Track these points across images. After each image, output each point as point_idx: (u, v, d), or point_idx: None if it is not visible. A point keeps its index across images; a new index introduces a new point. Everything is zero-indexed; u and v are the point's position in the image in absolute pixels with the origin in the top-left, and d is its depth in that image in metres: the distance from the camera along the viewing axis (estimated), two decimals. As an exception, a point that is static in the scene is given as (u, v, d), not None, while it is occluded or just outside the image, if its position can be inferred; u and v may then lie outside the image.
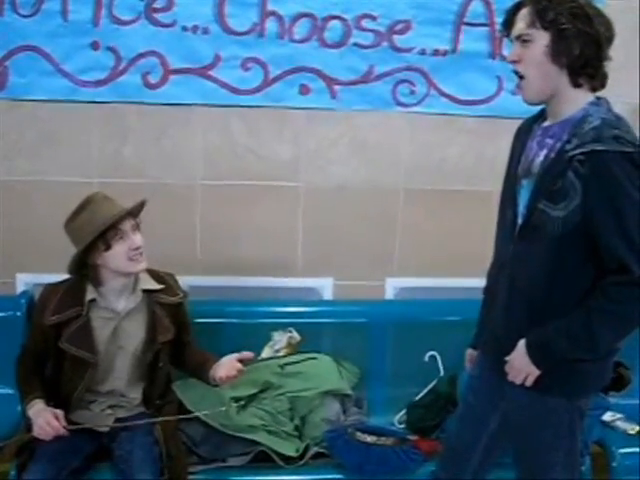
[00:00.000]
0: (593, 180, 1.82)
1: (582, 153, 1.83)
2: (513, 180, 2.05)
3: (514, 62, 1.95)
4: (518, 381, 2.02)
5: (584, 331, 1.91)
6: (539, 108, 2.07)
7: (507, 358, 2.03)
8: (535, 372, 1.98)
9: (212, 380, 2.52)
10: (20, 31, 2.92)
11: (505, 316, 2.07)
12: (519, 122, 2.53)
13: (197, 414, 2.60)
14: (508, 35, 1.99)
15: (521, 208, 2.00)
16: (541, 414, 2.05)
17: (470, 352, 2.38)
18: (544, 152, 1.95)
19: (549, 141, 1.95)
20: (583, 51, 1.86)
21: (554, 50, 1.87)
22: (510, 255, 2.03)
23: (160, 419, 2.52)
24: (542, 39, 1.88)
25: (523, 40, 1.91)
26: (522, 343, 2.00)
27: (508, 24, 1.98)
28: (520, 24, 1.92)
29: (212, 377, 2.51)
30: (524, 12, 1.91)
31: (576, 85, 1.91)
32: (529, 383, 2.00)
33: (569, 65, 1.88)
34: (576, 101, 1.92)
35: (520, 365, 2.00)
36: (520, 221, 1.99)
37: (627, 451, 2.86)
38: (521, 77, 1.96)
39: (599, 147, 1.81)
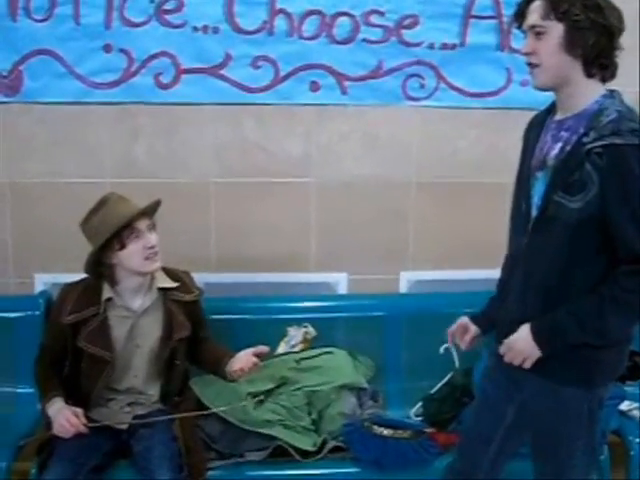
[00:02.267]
0: (611, 172, 1.83)
1: (601, 146, 1.83)
2: (527, 173, 2.05)
3: (528, 54, 1.96)
4: (516, 363, 2.02)
5: (595, 316, 1.91)
6: (549, 101, 2.07)
7: (506, 340, 2.04)
8: (535, 355, 1.98)
9: (229, 375, 2.54)
10: (34, 36, 2.96)
11: (520, 308, 2.07)
12: (529, 113, 2.53)
13: (215, 410, 2.62)
14: (520, 26, 1.99)
15: (536, 200, 1.99)
16: (560, 404, 2.04)
17: (464, 322, 2.34)
18: (559, 145, 1.95)
19: (564, 134, 1.95)
20: (597, 41, 1.86)
21: (568, 41, 1.88)
22: (524, 247, 2.03)
23: (179, 415, 2.54)
24: (556, 30, 1.88)
25: (537, 32, 1.92)
26: (526, 326, 2.00)
27: (520, 15, 1.98)
28: (533, 15, 1.92)
29: (229, 372, 2.54)
30: (537, 3, 1.92)
31: (589, 75, 1.91)
32: (527, 366, 2.01)
33: (583, 55, 1.88)
34: (588, 92, 1.92)
35: (522, 347, 2.00)
36: (535, 213, 1.99)
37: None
38: (534, 66, 1.95)
39: (618, 140, 1.82)
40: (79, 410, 2.43)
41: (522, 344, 2.00)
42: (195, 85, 3.06)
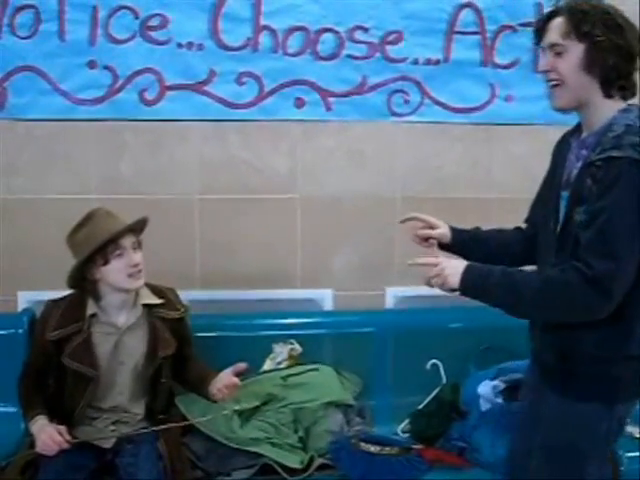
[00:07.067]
0: (603, 183, 1.83)
1: (600, 159, 1.84)
2: (557, 192, 2.04)
3: (546, 71, 1.96)
4: (428, 275, 1.99)
5: (521, 288, 1.90)
6: (533, 116, 2.08)
7: (442, 265, 1.99)
8: (449, 284, 1.96)
9: (212, 396, 2.52)
10: (18, 52, 2.96)
11: (543, 327, 2.08)
12: (513, 128, 2.55)
13: (198, 420, 2.61)
14: (538, 43, 2.00)
15: (560, 218, 2.00)
16: (578, 420, 2.02)
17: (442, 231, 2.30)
18: (580, 164, 1.96)
19: (584, 152, 1.96)
20: (616, 63, 1.88)
21: (588, 61, 1.88)
22: (551, 265, 2.01)
23: (162, 427, 2.51)
24: (576, 50, 1.89)
25: (557, 51, 1.92)
26: (464, 262, 1.99)
27: (540, 32, 1.99)
28: (553, 34, 1.92)
29: (211, 393, 2.52)
30: (558, 22, 1.92)
31: (608, 96, 1.92)
32: (432, 284, 1.98)
33: (602, 76, 1.89)
34: (608, 111, 1.92)
35: (448, 270, 1.96)
36: (558, 230, 2.00)
37: (634, 455, 2.84)
38: (554, 85, 1.96)
39: (616, 153, 1.81)
40: (62, 427, 2.40)
41: (451, 269, 1.97)
42: (180, 101, 3.06)
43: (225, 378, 2.48)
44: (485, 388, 2.85)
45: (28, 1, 2.93)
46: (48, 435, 2.35)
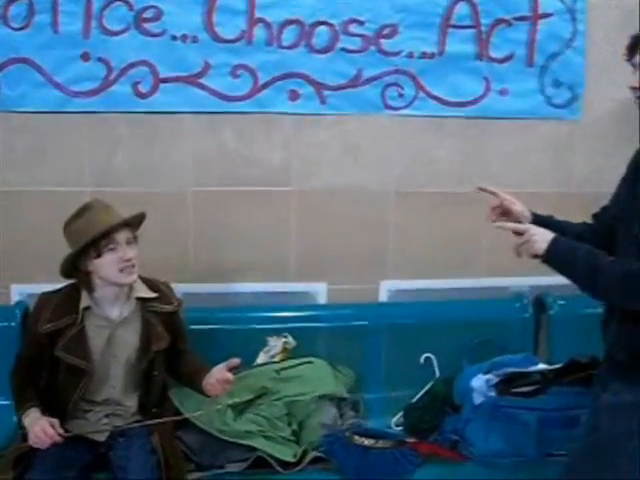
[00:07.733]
0: None
1: None
2: None
3: (636, 89, 1.99)
4: (518, 242, 2.05)
5: (603, 270, 1.95)
6: (526, 111, 2.09)
7: (530, 231, 2.05)
8: (534, 249, 2.02)
9: (205, 391, 2.52)
10: (11, 44, 2.93)
11: (619, 327, 2.09)
12: (507, 123, 2.51)
13: (193, 414, 2.60)
14: (630, 59, 2.02)
15: None
16: (619, 408, 2.05)
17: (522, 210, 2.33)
18: None
19: None
20: None
21: None
22: None
23: (155, 421, 2.52)
24: None
25: None
26: (550, 232, 2.04)
27: (633, 49, 2.01)
28: None
29: (205, 388, 2.51)
30: None
31: None
32: (521, 252, 2.05)
33: None
34: None
35: (536, 237, 2.02)
36: None
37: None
38: None
39: None
40: (55, 420, 2.39)
41: (540, 236, 2.03)
42: (174, 94, 3.04)
43: (218, 373, 2.47)
44: (478, 382, 2.87)
45: (22, -8, 2.92)
46: (41, 428, 2.34)
